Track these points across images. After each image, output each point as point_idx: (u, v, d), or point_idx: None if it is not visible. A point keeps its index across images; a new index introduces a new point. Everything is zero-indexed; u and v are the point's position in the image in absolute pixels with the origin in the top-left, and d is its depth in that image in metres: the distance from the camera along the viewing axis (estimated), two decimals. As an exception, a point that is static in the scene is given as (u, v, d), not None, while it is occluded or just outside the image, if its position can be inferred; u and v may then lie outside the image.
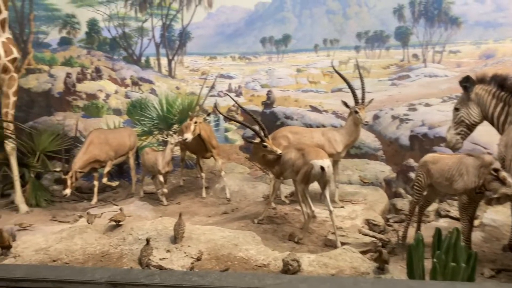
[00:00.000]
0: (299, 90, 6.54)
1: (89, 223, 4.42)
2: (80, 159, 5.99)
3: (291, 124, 6.44)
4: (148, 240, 3.61)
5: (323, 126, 6.21)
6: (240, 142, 6.86)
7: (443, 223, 5.18)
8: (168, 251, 3.58)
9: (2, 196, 6.67)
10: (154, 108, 7.20)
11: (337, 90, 6.26)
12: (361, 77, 5.05)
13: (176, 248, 3.65)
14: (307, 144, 4.71)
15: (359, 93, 5.04)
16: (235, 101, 5.37)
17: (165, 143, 6.13)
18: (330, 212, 4.22)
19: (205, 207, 5.89)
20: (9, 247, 3.82)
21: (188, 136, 5.55)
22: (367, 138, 6.11)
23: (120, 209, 4.36)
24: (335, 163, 5.19)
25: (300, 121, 6.43)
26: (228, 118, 6.10)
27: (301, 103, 6.48)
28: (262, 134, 4.38)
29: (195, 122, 5.61)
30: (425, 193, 4.37)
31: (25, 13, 7.07)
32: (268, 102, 6.68)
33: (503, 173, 3.47)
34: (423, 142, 5.95)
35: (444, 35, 5.96)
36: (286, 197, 5.61)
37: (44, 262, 3.38)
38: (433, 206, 5.33)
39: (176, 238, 3.82)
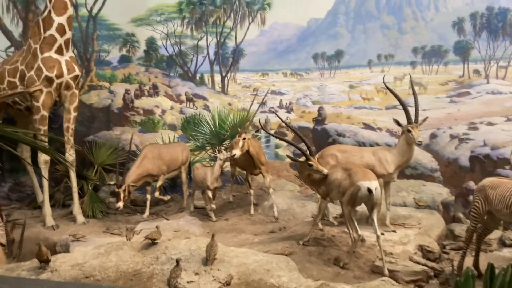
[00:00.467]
0: (351, 107, 6.36)
1: (127, 240, 4.48)
2: (133, 173, 6.16)
3: (343, 142, 6.26)
4: (178, 261, 3.57)
5: (377, 144, 5.97)
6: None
7: (507, 253, 4.76)
8: (196, 273, 3.53)
9: (63, 206, 7.01)
10: (207, 123, 7.29)
11: (391, 107, 6.00)
12: (414, 94, 4.81)
13: (205, 271, 3.60)
14: (355, 163, 4.53)
15: (412, 110, 4.79)
16: (280, 118, 5.32)
17: (215, 158, 6.17)
18: (378, 236, 4.00)
19: (253, 224, 5.83)
20: (47, 261, 3.93)
21: (236, 152, 5.55)
22: (423, 158, 5.78)
23: (157, 227, 4.37)
24: (386, 185, 4.95)
25: (353, 139, 6.23)
26: (274, 136, 6.00)
27: (353, 120, 6.29)
28: (308, 152, 4.26)
29: (244, 139, 5.61)
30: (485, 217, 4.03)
31: (89, 33, 7.46)
32: (320, 119, 6.55)
33: None
34: (484, 164, 5.52)
35: (509, 49, 5.54)
36: (335, 218, 5.42)
37: (77, 278, 3.46)
38: (497, 234, 4.92)
39: (208, 260, 3.78)
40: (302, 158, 4.30)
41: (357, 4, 6.12)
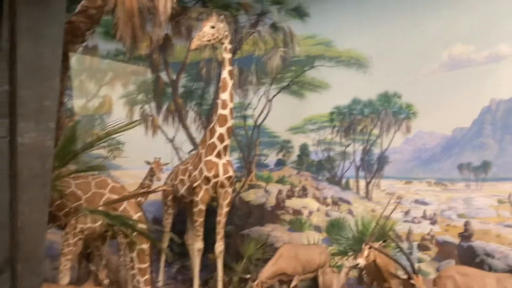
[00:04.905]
0: (501, 224, 5.61)
1: None
2: (267, 270, 6.53)
3: (492, 264, 5.52)
4: None
5: (531, 272, 5.09)
6: (434, 275, 6.18)
7: None
8: None
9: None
10: (350, 228, 7.33)
11: None
12: None
13: None
14: (444, 284, 4.04)
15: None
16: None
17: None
18: None
19: None
20: None
21: (360, 261, 5.43)
22: None
23: None
24: None
25: (503, 262, 5.43)
26: (378, 250, 5.48)
27: (503, 240, 5.51)
28: (411, 269, 4.00)
29: (370, 248, 5.49)
30: None
31: (253, 140, 8.57)
32: (466, 235, 5.93)
33: None
34: None
35: None
36: None
37: None
38: None
39: None
40: (404, 276, 4.05)
41: (505, 114, 5.65)
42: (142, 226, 6.08)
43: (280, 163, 8.33)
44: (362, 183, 7.33)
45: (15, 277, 3.08)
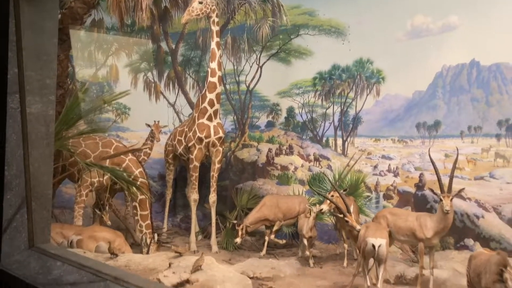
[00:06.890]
0: (446, 175, 6.40)
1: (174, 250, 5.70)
2: (252, 216, 7.58)
3: (439, 209, 6.39)
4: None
5: (466, 214, 5.94)
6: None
7: None
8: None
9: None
10: (328, 181, 8.24)
11: (479, 178, 5.91)
12: (454, 166, 4.94)
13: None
14: (376, 224, 4.95)
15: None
16: (331, 181, 5.90)
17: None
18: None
19: (340, 275, 6.45)
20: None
21: (324, 207, 6.39)
22: (506, 232, 5.49)
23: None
24: (430, 250, 5.08)
25: (447, 207, 6.29)
26: (324, 197, 6.43)
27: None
28: (346, 209, 4.93)
29: (332, 196, 6.42)
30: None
31: (246, 103, 9.44)
32: (420, 185, 6.79)
33: None
34: None
35: None
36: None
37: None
38: None
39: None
40: (341, 215, 4.98)
41: (452, 78, 6.35)
42: (142, 180, 7.19)
43: (270, 125, 9.20)
44: (340, 141, 8.17)
45: (30, 211, 4.16)
